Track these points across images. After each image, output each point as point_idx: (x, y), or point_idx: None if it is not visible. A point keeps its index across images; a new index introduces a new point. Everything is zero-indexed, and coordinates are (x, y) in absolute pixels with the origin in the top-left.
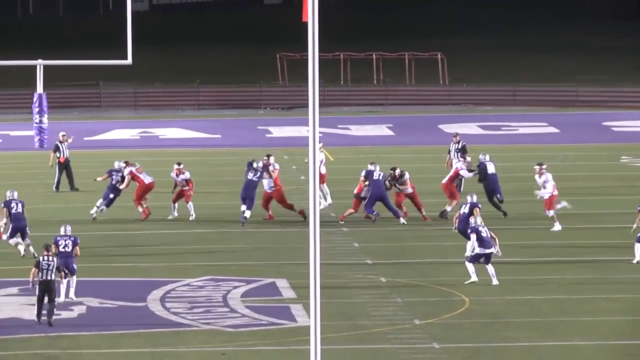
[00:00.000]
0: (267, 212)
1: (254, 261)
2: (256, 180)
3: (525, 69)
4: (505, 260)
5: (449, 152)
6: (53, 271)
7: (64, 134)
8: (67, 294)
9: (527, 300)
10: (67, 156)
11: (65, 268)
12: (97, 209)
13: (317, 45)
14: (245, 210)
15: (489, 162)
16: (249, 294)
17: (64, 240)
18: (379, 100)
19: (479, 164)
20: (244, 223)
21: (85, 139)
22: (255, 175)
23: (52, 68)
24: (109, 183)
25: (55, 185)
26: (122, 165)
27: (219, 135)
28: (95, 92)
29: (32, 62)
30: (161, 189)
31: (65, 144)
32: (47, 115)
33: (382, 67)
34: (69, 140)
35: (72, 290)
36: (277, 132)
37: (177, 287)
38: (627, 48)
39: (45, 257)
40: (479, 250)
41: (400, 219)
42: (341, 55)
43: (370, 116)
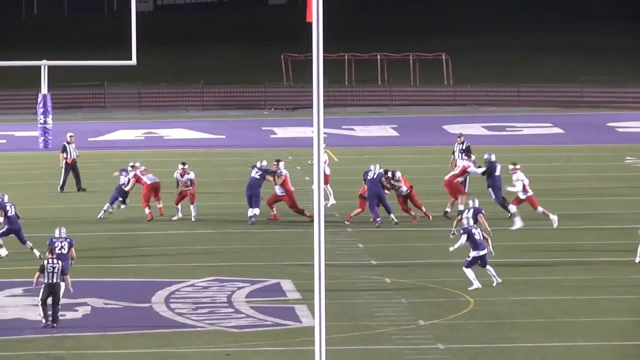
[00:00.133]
0: (272, 211)
1: (258, 262)
2: (259, 178)
3: (530, 70)
4: (510, 261)
5: (453, 153)
6: (58, 274)
7: (71, 135)
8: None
9: (531, 301)
10: (74, 157)
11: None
12: (103, 212)
13: (322, 45)
14: (252, 210)
15: (496, 162)
16: (253, 295)
17: (60, 242)
18: (384, 101)
19: (487, 161)
20: (253, 222)
21: (89, 139)
22: (258, 173)
23: (57, 68)
24: (117, 184)
25: (60, 185)
26: (129, 168)
27: (224, 136)
28: (100, 92)
29: (37, 63)
30: (165, 190)
31: (73, 145)
32: (51, 116)
33: (386, 67)
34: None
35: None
36: (282, 132)
37: (182, 288)
38: (631, 49)
39: (50, 260)
40: (474, 254)
41: (391, 215)
42: (345, 56)
43: (375, 117)
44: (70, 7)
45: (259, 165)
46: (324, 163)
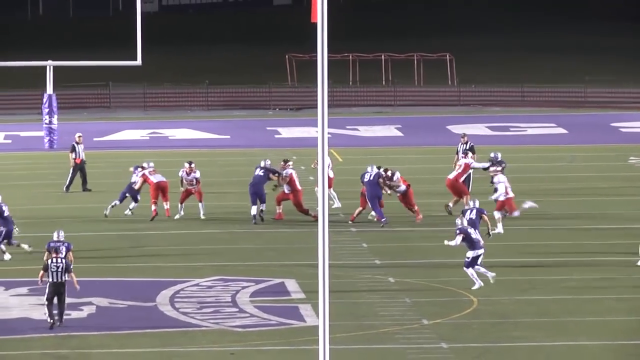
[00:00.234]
0: (278, 209)
1: (262, 261)
2: (263, 175)
3: (534, 70)
4: (513, 261)
5: (457, 153)
6: (62, 273)
7: (80, 135)
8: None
9: (535, 301)
10: (82, 157)
11: None
12: (110, 208)
13: (326, 46)
14: (256, 208)
15: (503, 161)
16: (257, 294)
17: (58, 245)
18: (388, 101)
19: (494, 159)
20: (256, 221)
21: (94, 139)
22: (262, 171)
23: (62, 69)
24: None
25: (66, 185)
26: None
27: (228, 136)
28: (105, 92)
29: (42, 63)
30: (171, 190)
31: (82, 145)
32: (56, 116)
33: (390, 68)
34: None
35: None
36: (286, 132)
37: (186, 287)
38: (634, 49)
39: (54, 260)
40: (472, 254)
41: (384, 219)
42: (350, 57)
43: (379, 117)
44: (76, 7)
45: (262, 164)
46: (328, 166)
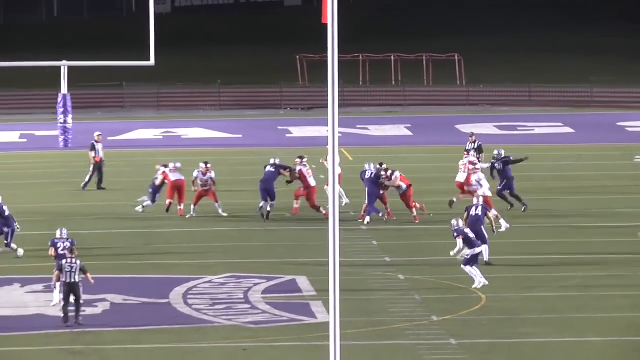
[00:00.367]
0: (295, 203)
1: (274, 258)
2: (273, 171)
3: (541, 70)
4: (521, 258)
5: (466, 152)
6: (77, 273)
7: (99, 134)
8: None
9: (542, 297)
10: (102, 156)
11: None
12: (141, 207)
13: (337, 46)
14: (264, 204)
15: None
16: (269, 291)
17: (62, 243)
18: (397, 101)
19: (498, 156)
20: (262, 212)
21: (108, 138)
22: (273, 167)
23: (77, 69)
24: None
25: (84, 183)
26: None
27: (240, 135)
28: (119, 92)
29: (57, 63)
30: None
31: (101, 144)
32: (71, 116)
33: (400, 68)
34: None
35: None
36: (297, 132)
37: (199, 284)
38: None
39: (69, 260)
40: (471, 252)
41: (381, 214)
42: (360, 57)
43: (389, 116)
44: (90, 8)
45: (272, 162)
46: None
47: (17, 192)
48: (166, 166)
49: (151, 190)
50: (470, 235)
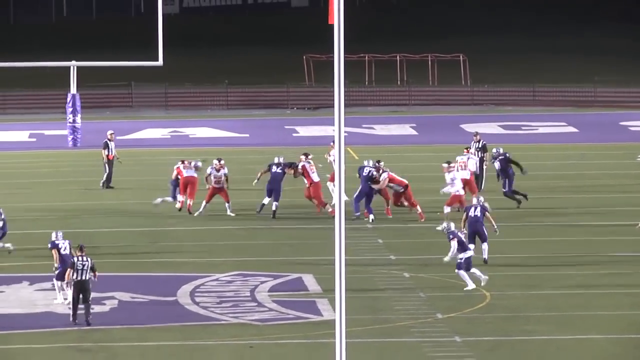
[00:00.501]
0: (314, 202)
1: (281, 257)
2: (280, 172)
3: (545, 70)
4: (525, 256)
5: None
6: (88, 271)
7: (112, 132)
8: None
9: (546, 295)
10: (115, 154)
11: (65, 271)
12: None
13: (343, 47)
14: (267, 202)
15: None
16: (276, 289)
17: (62, 244)
18: (403, 101)
19: (497, 155)
20: (260, 210)
21: (117, 138)
22: (279, 168)
23: (85, 69)
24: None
25: (104, 181)
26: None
27: (247, 135)
28: (127, 92)
29: (66, 63)
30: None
31: (113, 143)
32: (80, 115)
33: (405, 68)
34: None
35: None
36: (304, 131)
37: (207, 282)
38: None
39: (80, 258)
40: (464, 255)
41: (371, 216)
42: (366, 57)
43: (394, 116)
44: (99, 9)
45: (276, 160)
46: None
47: (27, 190)
48: (182, 162)
49: (172, 187)
50: (463, 237)
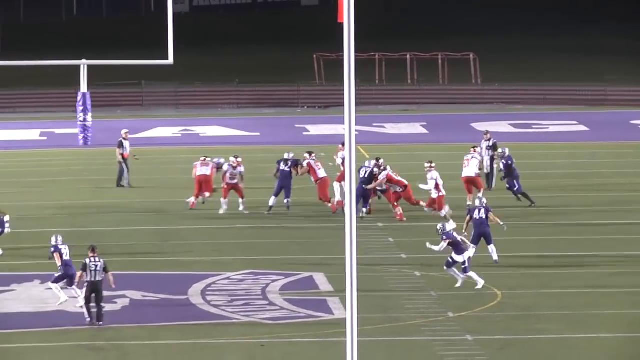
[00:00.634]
0: (332, 201)
1: (292, 255)
2: (288, 170)
3: (556, 69)
4: (536, 255)
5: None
6: (100, 272)
7: (126, 131)
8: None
9: (557, 294)
10: (129, 153)
11: (67, 276)
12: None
13: (353, 45)
14: (272, 202)
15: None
16: (287, 288)
17: (64, 249)
18: (413, 100)
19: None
20: (270, 212)
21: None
22: (287, 166)
23: (96, 68)
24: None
25: (125, 180)
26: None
27: (258, 133)
28: (138, 91)
29: (77, 62)
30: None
31: (128, 142)
32: (90, 114)
33: (416, 67)
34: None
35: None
36: (314, 130)
37: (218, 281)
38: None
39: (92, 259)
40: (456, 257)
41: (363, 210)
42: (376, 56)
43: (405, 115)
44: (109, 8)
45: (286, 156)
46: (343, 160)
47: (38, 189)
48: (205, 158)
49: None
50: (459, 239)
